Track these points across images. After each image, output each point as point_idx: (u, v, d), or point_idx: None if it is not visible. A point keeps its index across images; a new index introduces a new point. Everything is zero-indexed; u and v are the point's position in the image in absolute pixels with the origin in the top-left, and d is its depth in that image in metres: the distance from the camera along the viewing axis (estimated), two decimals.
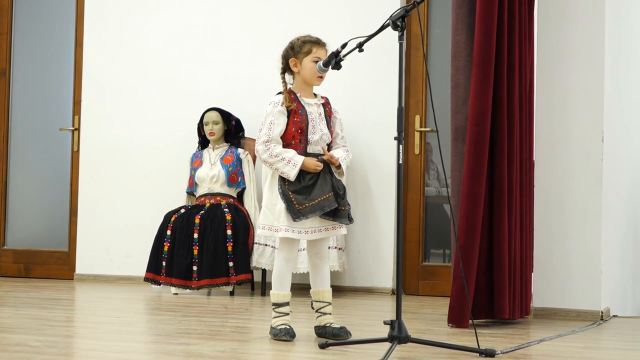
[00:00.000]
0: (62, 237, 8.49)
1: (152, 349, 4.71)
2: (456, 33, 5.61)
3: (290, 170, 4.75)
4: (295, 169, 4.75)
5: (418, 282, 7.52)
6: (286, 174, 4.76)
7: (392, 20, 4.48)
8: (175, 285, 7.11)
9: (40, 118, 8.67)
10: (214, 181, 7.40)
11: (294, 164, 4.75)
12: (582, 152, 5.95)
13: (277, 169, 4.77)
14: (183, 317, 5.82)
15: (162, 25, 8.17)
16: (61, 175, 8.55)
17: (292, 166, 4.75)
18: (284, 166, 4.75)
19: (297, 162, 4.76)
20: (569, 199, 5.96)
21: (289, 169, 4.75)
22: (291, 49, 4.93)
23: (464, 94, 5.58)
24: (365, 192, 7.54)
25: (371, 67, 7.45)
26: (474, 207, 5.40)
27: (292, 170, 4.75)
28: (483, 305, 5.55)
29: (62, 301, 6.80)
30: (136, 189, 8.11)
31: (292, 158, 4.76)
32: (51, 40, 8.67)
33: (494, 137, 5.52)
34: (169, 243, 7.16)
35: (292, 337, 4.77)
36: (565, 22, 6.01)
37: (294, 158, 4.77)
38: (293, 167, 4.75)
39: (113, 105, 8.25)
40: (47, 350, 4.35)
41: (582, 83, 5.97)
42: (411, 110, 7.59)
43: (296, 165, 4.75)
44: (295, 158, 4.77)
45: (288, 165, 4.75)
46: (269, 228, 4.86)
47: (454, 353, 4.46)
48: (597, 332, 5.48)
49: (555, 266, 5.96)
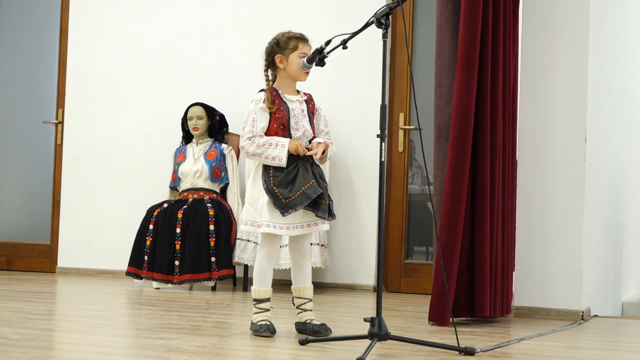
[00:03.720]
0: (44, 230, 8.47)
1: (132, 344, 4.70)
2: (440, 32, 5.61)
3: (280, 152, 4.73)
4: (284, 149, 4.72)
5: (400, 279, 7.54)
6: (277, 157, 4.73)
7: (376, 17, 4.48)
8: (157, 279, 7.11)
9: (23, 111, 8.64)
10: (197, 176, 7.39)
11: (282, 145, 4.74)
12: (564, 152, 5.97)
13: (267, 157, 4.75)
14: (164, 311, 5.82)
15: (147, 19, 8.16)
16: (44, 168, 8.52)
17: (282, 147, 4.73)
18: (272, 151, 4.74)
19: (284, 143, 4.74)
20: (551, 198, 5.98)
21: (279, 151, 4.73)
22: (277, 44, 4.90)
23: (447, 93, 5.58)
24: (348, 190, 7.55)
25: (356, 65, 7.46)
26: (456, 205, 5.41)
27: (283, 151, 4.73)
28: (464, 304, 5.56)
29: (43, 294, 6.78)
30: (119, 183, 8.10)
31: (278, 141, 4.75)
32: (35, 29, 8.64)
33: (477, 136, 5.54)
34: (152, 237, 7.15)
35: (272, 333, 4.77)
36: (549, 22, 6.03)
37: (280, 140, 4.76)
38: (282, 148, 4.73)
39: (97, 99, 8.23)
40: (27, 344, 4.34)
41: (566, 83, 5.99)
42: (395, 108, 7.60)
43: (284, 145, 4.73)
44: (281, 140, 4.76)
45: (277, 149, 4.73)
46: (251, 224, 4.86)
47: (434, 351, 4.46)
48: (578, 331, 5.50)
49: (536, 265, 5.98)
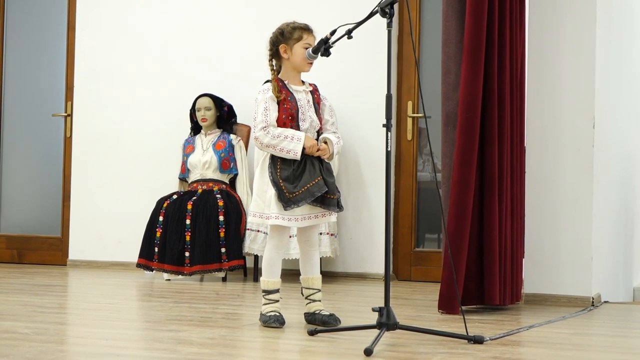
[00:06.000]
0: (55, 223, 8.49)
1: (141, 336, 4.71)
2: (447, 19, 5.60)
3: (295, 145, 4.72)
4: (300, 143, 4.72)
5: (410, 267, 7.53)
6: (292, 151, 4.72)
7: (380, 7, 4.47)
8: (168, 271, 7.12)
9: (33, 104, 8.65)
10: (206, 167, 7.40)
11: (298, 139, 4.73)
12: (573, 138, 5.95)
13: (282, 149, 4.73)
14: (174, 303, 5.83)
15: (155, 11, 8.15)
16: (54, 161, 8.54)
17: (297, 141, 4.73)
18: (288, 144, 4.73)
19: (300, 137, 4.74)
20: (560, 185, 5.97)
21: (294, 144, 4.72)
22: (281, 34, 4.89)
23: (454, 81, 5.57)
24: (357, 179, 7.54)
25: (363, 53, 7.44)
26: (465, 193, 5.41)
27: (298, 145, 4.72)
28: (473, 292, 5.55)
29: (54, 287, 6.80)
30: (128, 175, 8.11)
31: (294, 134, 4.75)
32: (43, 23, 8.65)
33: (485, 124, 5.52)
34: (161, 229, 7.16)
35: (281, 324, 4.78)
36: (556, 8, 6.00)
37: (296, 134, 4.75)
38: (298, 142, 4.72)
39: (106, 91, 8.23)
40: (36, 337, 4.35)
41: (574, 69, 5.97)
42: (404, 96, 7.58)
43: (300, 140, 4.73)
44: (297, 134, 4.75)
45: (293, 142, 4.73)
46: (259, 215, 4.85)
47: (443, 339, 4.46)
48: (588, 318, 5.49)
49: (546, 252, 5.97)
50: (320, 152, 4.79)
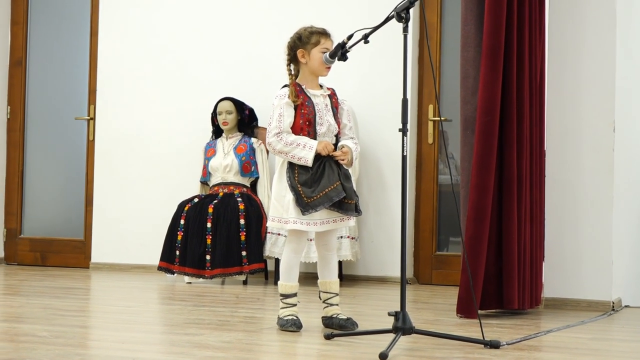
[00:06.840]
0: (78, 225, 8.53)
1: (158, 340, 4.73)
2: (465, 23, 5.59)
3: (307, 153, 4.74)
4: (312, 151, 4.74)
5: (431, 271, 7.52)
6: (303, 159, 4.74)
7: (396, 11, 4.48)
8: (189, 274, 7.14)
9: (56, 107, 8.71)
10: (227, 170, 7.41)
11: (310, 147, 4.75)
12: (593, 141, 5.92)
13: (294, 156, 4.76)
14: (194, 306, 5.85)
15: (175, 14, 8.18)
16: (77, 164, 8.59)
17: (309, 149, 4.74)
18: (300, 151, 4.75)
19: (312, 145, 4.76)
20: (580, 188, 5.94)
21: (306, 152, 4.74)
22: (299, 39, 4.91)
23: (473, 85, 5.56)
24: (378, 182, 7.54)
25: (383, 57, 7.43)
26: (483, 197, 5.39)
27: (310, 153, 4.74)
28: (492, 296, 5.54)
29: (75, 290, 6.84)
30: (150, 178, 8.14)
31: (307, 142, 4.76)
32: (66, 29, 8.70)
33: (503, 128, 5.51)
34: (183, 232, 7.19)
35: (298, 327, 4.79)
36: (576, 11, 5.98)
37: (309, 142, 4.77)
38: (310, 150, 4.74)
39: (128, 95, 8.27)
40: (54, 341, 4.38)
41: (594, 73, 5.94)
42: (424, 100, 7.57)
43: (312, 148, 4.74)
44: (310, 142, 4.77)
45: (305, 150, 4.74)
46: (278, 220, 4.87)
47: (459, 344, 4.46)
48: (607, 322, 5.46)
49: (566, 256, 5.95)
50: (339, 156, 4.80)
